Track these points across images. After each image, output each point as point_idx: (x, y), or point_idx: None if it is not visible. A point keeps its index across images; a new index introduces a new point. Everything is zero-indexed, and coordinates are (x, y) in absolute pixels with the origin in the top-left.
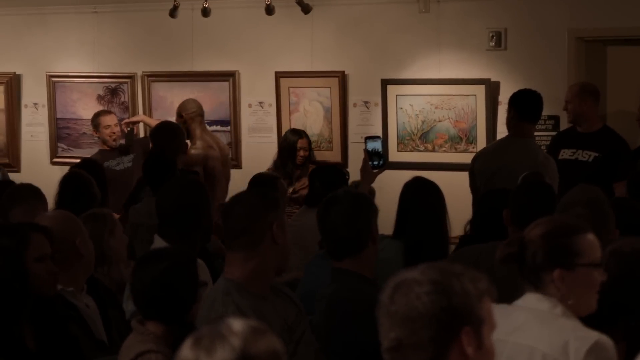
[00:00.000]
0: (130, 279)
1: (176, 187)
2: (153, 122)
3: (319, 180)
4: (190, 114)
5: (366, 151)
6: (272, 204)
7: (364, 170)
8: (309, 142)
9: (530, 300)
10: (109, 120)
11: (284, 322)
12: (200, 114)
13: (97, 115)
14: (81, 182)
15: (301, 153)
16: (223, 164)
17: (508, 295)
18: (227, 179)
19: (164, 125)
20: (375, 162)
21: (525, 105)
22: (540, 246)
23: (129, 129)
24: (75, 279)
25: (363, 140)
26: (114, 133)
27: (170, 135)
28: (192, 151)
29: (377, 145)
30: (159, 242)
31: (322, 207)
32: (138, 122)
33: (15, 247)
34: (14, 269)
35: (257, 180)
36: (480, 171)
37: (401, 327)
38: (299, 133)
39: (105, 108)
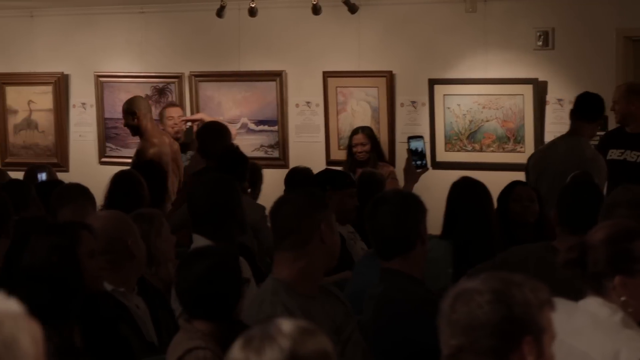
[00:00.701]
0: (175, 278)
1: (207, 184)
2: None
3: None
4: (143, 112)
5: (409, 151)
6: (320, 203)
7: (408, 170)
8: (372, 138)
9: (592, 304)
10: (173, 112)
11: (332, 322)
12: (150, 110)
13: (163, 107)
14: (131, 181)
15: (358, 149)
16: (172, 159)
17: (567, 297)
18: (177, 174)
19: (212, 126)
20: (418, 162)
21: (581, 104)
22: (601, 252)
23: (188, 126)
24: (126, 280)
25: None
26: (176, 124)
27: (216, 135)
28: (150, 150)
29: (419, 145)
30: (197, 240)
31: (371, 207)
32: (197, 120)
33: (69, 244)
34: (68, 265)
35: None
36: (532, 169)
37: (462, 336)
38: (357, 129)
39: (154, 107)
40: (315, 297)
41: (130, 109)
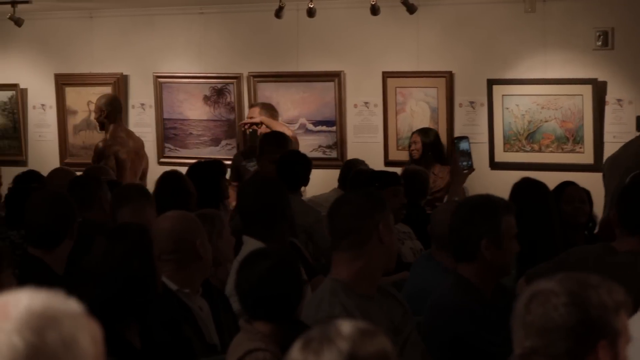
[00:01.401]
0: (235, 279)
1: (256, 185)
2: (274, 123)
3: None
4: (109, 109)
5: (458, 152)
6: (378, 204)
7: (455, 171)
8: (426, 138)
9: None
10: (252, 112)
11: (390, 323)
12: (119, 109)
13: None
14: (177, 181)
15: (412, 147)
16: (139, 156)
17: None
18: (144, 170)
19: (276, 135)
20: (465, 163)
21: None
22: None
23: (250, 130)
24: (191, 281)
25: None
26: (245, 124)
27: (280, 144)
28: (100, 144)
29: (466, 145)
30: (247, 241)
31: (455, 210)
32: (258, 123)
33: (147, 245)
34: (146, 267)
35: None
36: (607, 172)
37: (537, 337)
38: (418, 130)
39: (212, 108)
40: (373, 297)
41: (98, 106)
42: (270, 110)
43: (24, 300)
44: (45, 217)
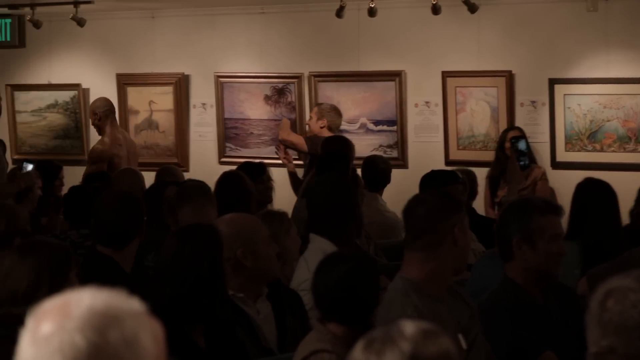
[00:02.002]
0: (312, 280)
1: (325, 184)
2: (292, 137)
3: None
4: (103, 112)
5: (516, 151)
6: (455, 205)
7: (513, 170)
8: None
9: None
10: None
11: (457, 324)
12: (112, 111)
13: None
14: (237, 181)
15: (506, 145)
16: (131, 158)
17: None
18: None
19: (337, 138)
20: (522, 162)
21: None
22: None
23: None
24: (244, 286)
25: (510, 141)
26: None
27: (344, 146)
28: (99, 147)
29: (523, 145)
30: (314, 240)
31: (501, 211)
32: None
33: (216, 247)
34: (215, 268)
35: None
36: None
37: (615, 336)
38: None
39: (273, 107)
40: (443, 298)
41: (91, 109)
42: (332, 111)
43: (86, 299)
44: (116, 217)
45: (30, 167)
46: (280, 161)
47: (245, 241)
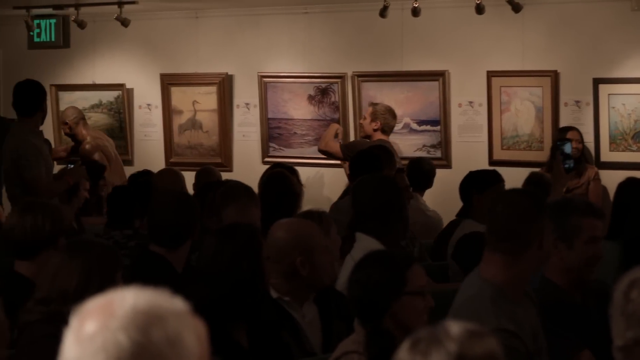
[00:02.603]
0: (349, 279)
1: (372, 183)
2: (332, 147)
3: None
4: (73, 120)
5: (561, 154)
6: (542, 207)
7: (558, 173)
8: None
9: None
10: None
11: (530, 327)
12: (82, 117)
13: None
14: (282, 181)
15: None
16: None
17: None
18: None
19: (381, 146)
20: (567, 166)
21: None
22: None
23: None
24: (293, 291)
25: (555, 144)
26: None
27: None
28: (87, 146)
29: (568, 148)
30: (361, 238)
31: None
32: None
33: (256, 246)
34: (255, 268)
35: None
36: None
37: None
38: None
39: (316, 107)
40: (520, 302)
41: (61, 120)
42: (387, 112)
43: (130, 299)
44: (172, 218)
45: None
46: (323, 161)
47: (305, 250)
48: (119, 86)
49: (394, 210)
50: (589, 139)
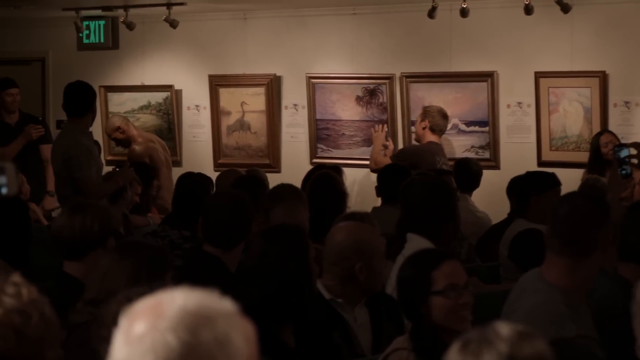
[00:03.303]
0: (397, 277)
1: (426, 185)
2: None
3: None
4: (123, 122)
5: (617, 159)
6: (607, 211)
7: (614, 179)
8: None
9: None
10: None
11: (590, 330)
12: (127, 120)
13: None
14: (329, 181)
15: (607, 147)
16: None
17: None
18: (169, 166)
19: (423, 147)
20: (624, 171)
21: None
22: None
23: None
24: (347, 294)
25: (613, 149)
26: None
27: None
28: (136, 148)
29: (626, 152)
30: (412, 239)
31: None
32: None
33: (303, 247)
34: (301, 269)
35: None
36: None
37: None
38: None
39: (365, 108)
40: (583, 304)
41: (112, 127)
42: (437, 112)
43: (179, 299)
44: (227, 219)
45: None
46: (369, 163)
47: (365, 256)
48: (168, 87)
49: (445, 211)
50: (638, 140)
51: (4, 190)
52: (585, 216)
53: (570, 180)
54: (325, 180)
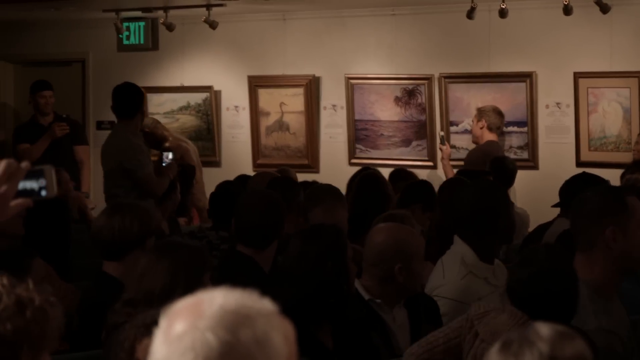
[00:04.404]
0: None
1: (475, 189)
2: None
3: None
4: (152, 127)
5: None
6: (614, 205)
7: None
8: None
9: None
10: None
11: (624, 326)
12: (159, 122)
13: None
14: (374, 182)
15: (635, 147)
16: (195, 155)
17: None
18: (200, 169)
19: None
20: None
21: None
22: None
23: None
24: (386, 295)
25: None
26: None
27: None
28: (167, 144)
29: None
30: (457, 242)
31: None
32: None
33: (340, 247)
34: (339, 269)
35: None
36: None
37: None
38: None
39: (403, 109)
40: (612, 299)
41: (149, 129)
42: (492, 111)
43: (218, 299)
44: (260, 218)
45: (170, 155)
46: (409, 163)
47: (405, 257)
48: (207, 88)
49: (491, 219)
50: None
51: (44, 193)
52: (588, 210)
53: (610, 180)
54: (371, 180)
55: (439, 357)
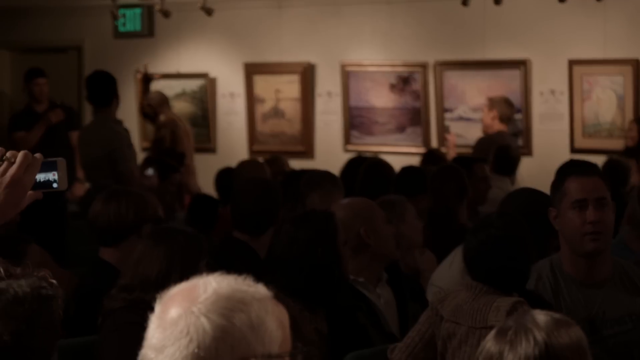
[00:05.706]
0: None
1: (525, 195)
2: None
3: None
4: (156, 103)
5: None
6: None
7: None
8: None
9: None
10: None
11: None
12: (165, 101)
13: None
14: (380, 169)
15: (628, 135)
16: (187, 136)
17: None
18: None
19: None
20: None
21: None
22: None
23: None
24: (365, 269)
25: None
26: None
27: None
28: (161, 117)
29: None
30: None
31: None
32: None
33: (331, 233)
34: (330, 254)
35: None
36: None
37: None
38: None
39: (398, 96)
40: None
41: (147, 102)
42: (503, 102)
43: (213, 284)
44: (255, 205)
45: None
46: (404, 150)
47: (366, 220)
48: (203, 75)
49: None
50: None
51: (55, 186)
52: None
53: (596, 165)
54: (376, 166)
55: (421, 355)
